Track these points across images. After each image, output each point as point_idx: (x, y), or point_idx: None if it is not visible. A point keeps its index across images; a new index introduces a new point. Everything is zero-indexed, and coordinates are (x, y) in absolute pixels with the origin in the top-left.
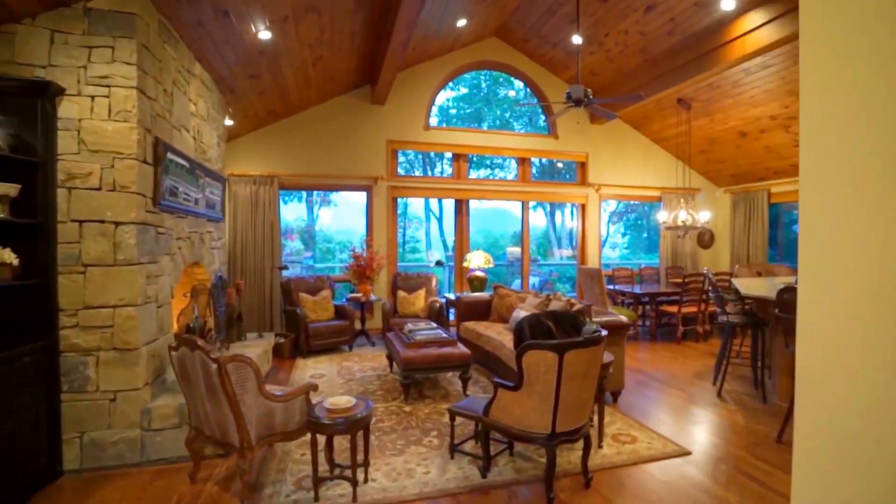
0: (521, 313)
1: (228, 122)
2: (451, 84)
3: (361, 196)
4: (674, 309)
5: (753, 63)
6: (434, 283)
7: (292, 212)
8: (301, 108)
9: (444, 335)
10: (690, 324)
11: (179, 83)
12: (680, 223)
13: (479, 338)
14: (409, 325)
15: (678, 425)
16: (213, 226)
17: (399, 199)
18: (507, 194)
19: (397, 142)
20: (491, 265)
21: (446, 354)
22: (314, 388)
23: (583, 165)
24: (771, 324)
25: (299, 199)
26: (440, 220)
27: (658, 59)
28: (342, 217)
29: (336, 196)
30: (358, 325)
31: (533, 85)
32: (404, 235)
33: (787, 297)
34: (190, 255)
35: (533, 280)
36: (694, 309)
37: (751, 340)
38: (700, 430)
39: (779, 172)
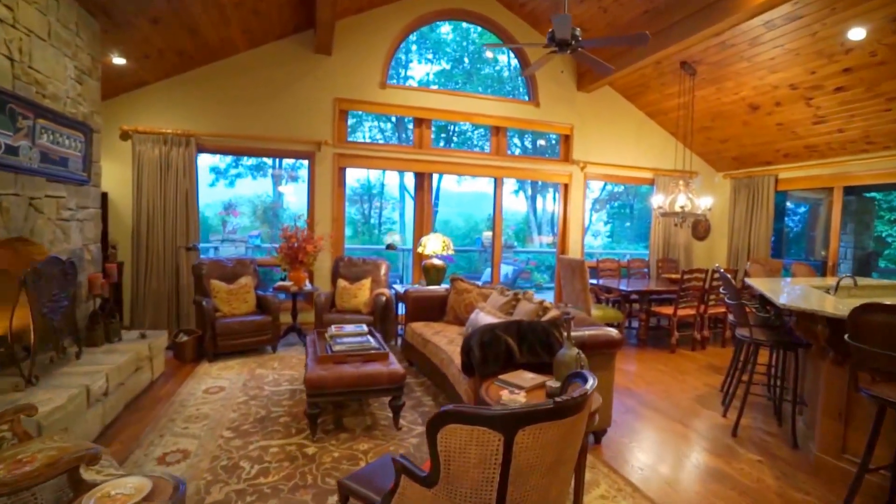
0: (480, 317)
1: (119, 59)
2: (419, 47)
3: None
4: (668, 310)
5: (779, 13)
6: (384, 271)
7: (252, 187)
8: (225, 52)
9: (374, 345)
10: (686, 328)
11: None
12: (678, 209)
13: (426, 346)
14: (333, 329)
15: (686, 487)
16: (64, 189)
17: (346, 170)
18: (478, 169)
19: (347, 100)
20: (450, 251)
21: (370, 374)
22: (90, 459)
23: (567, 139)
24: (817, 348)
25: (263, 175)
26: (434, 203)
27: (661, 10)
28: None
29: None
30: (289, 321)
31: (510, 40)
32: (379, 216)
33: (873, 320)
34: (1, 227)
35: (506, 269)
36: (692, 311)
37: (772, 358)
38: (719, 501)
39: (790, 155)
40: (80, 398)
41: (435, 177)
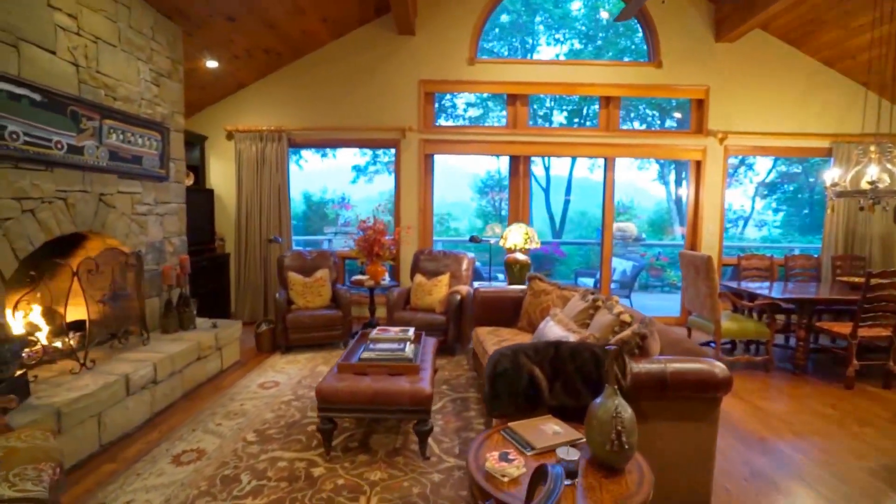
0: (549, 327)
1: (211, 62)
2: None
3: (464, 161)
4: (843, 328)
5: None
6: (465, 266)
7: (389, 183)
8: (310, 46)
9: (407, 355)
10: (874, 355)
11: None
12: (866, 185)
13: (484, 356)
14: (375, 332)
15: None
16: (139, 185)
17: (434, 157)
18: (582, 148)
19: (432, 82)
20: (534, 244)
21: (389, 391)
22: None
23: (699, 105)
24: None
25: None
26: (546, 189)
27: None
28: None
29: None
30: (367, 315)
31: None
32: (497, 207)
33: None
34: (67, 220)
35: (624, 265)
36: (884, 332)
37: None
38: None
39: None
40: (116, 386)
41: (540, 160)
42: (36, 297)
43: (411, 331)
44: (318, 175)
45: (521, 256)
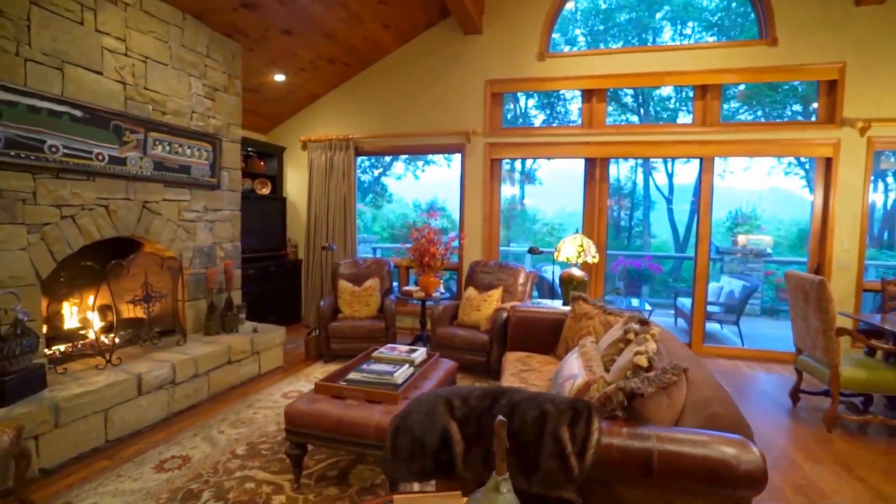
0: (569, 362)
1: (279, 76)
2: None
3: (573, 165)
4: None
5: None
6: (522, 280)
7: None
8: (377, 54)
9: (394, 380)
10: None
11: (60, 6)
12: None
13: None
14: (382, 349)
15: None
16: (188, 193)
17: (505, 161)
18: (671, 147)
19: (499, 81)
20: (591, 258)
21: (353, 422)
22: None
23: (830, 88)
24: None
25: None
26: (669, 198)
27: None
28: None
29: (549, 170)
30: (415, 327)
31: None
32: (630, 219)
33: None
34: (108, 226)
35: (732, 285)
36: None
37: None
38: None
39: None
40: (125, 385)
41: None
42: (94, 295)
43: (420, 351)
44: (434, 186)
45: (577, 272)
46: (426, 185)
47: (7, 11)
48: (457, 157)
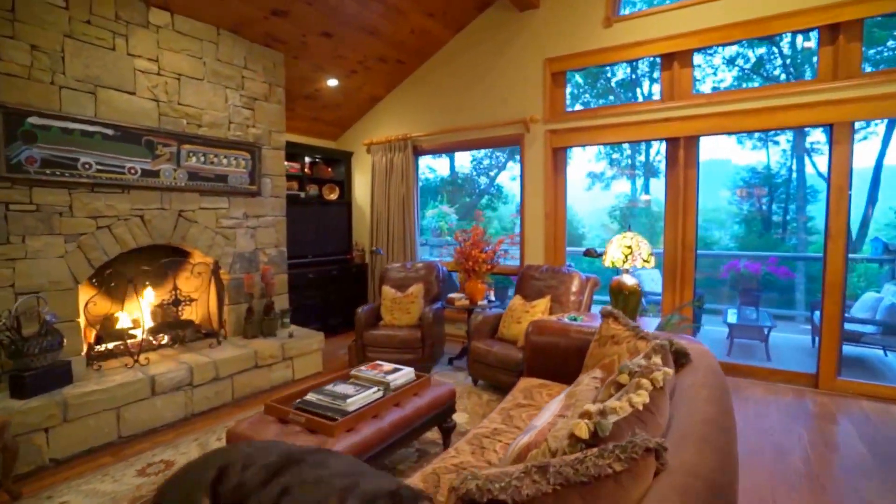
0: (549, 407)
1: (332, 80)
2: None
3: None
4: None
5: None
6: (576, 287)
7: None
8: (429, 47)
9: (343, 407)
10: None
11: (92, 36)
12: None
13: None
14: (363, 368)
15: None
16: (225, 200)
17: (569, 151)
18: (786, 114)
19: (559, 59)
20: (644, 262)
21: None
22: None
23: None
24: None
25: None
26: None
27: None
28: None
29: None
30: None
31: None
32: (784, 213)
33: None
34: (144, 234)
35: (890, 297)
36: None
37: None
38: None
39: None
40: (137, 385)
41: (704, 141)
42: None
43: (405, 372)
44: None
45: (628, 280)
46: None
47: (41, 46)
48: (579, 159)
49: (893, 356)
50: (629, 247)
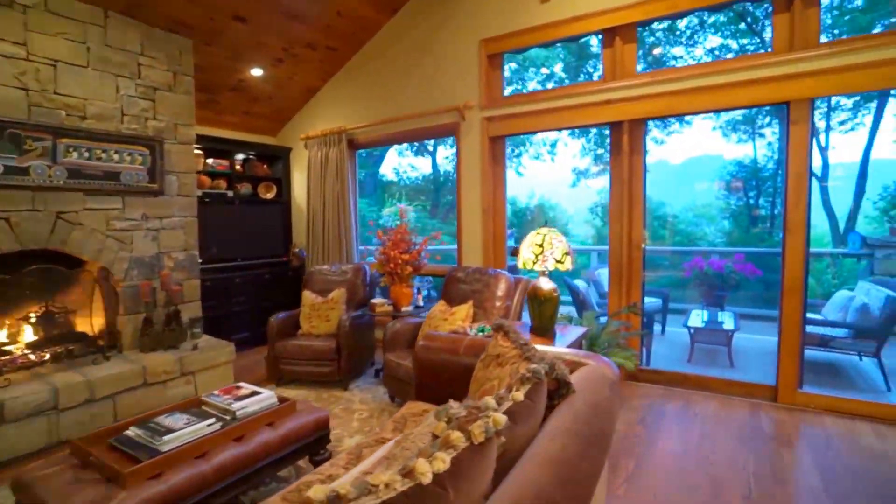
0: (382, 450)
1: (256, 70)
2: None
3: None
4: None
5: None
6: (502, 291)
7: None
8: (363, 33)
9: (157, 446)
10: None
11: None
12: None
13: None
14: (214, 395)
15: None
16: (119, 200)
17: (508, 140)
18: (738, 92)
19: (495, 39)
20: (555, 263)
21: None
22: None
23: None
24: None
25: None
26: (823, 177)
27: None
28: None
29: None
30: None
31: None
32: (772, 207)
33: None
34: (11, 239)
35: (870, 296)
36: None
37: None
38: None
39: None
40: None
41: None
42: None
43: (263, 396)
44: (540, 184)
45: (544, 284)
46: (530, 181)
47: None
48: (563, 153)
49: (871, 361)
50: (540, 245)
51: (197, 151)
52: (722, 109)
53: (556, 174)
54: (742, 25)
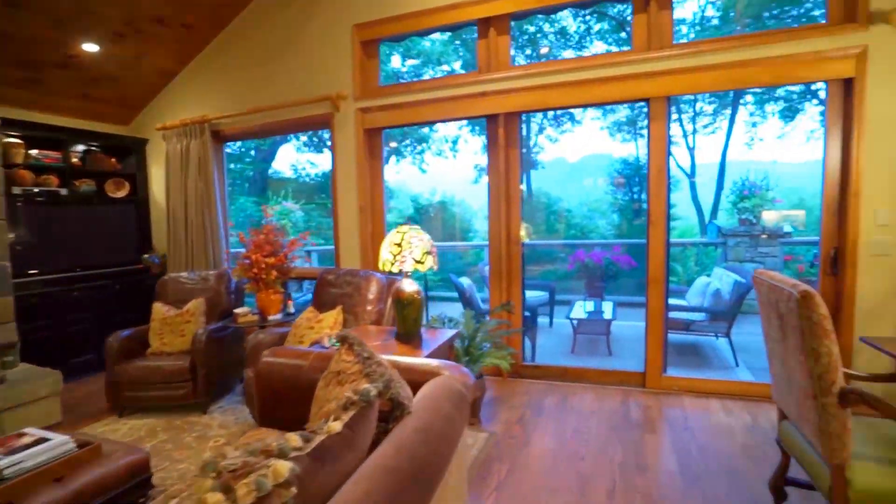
0: None
1: (90, 46)
2: None
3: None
4: None
5: None
6: (374, 294)
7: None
8: (226, 10)
9: None
10: None
11: None
12: None
13: None
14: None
15: None
16: None
17: (388, 133)
18: (604, 88)
19: (369, 25)
20: (414, 265)
21: None
22: None
23: None
24: None
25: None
26: (691, 174)
27: None
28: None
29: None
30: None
31: None
32: (638, 199)
33: None
34: None
35: (721, 282)
36: None
37: None
38: None
39: None
40: None
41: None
42: None
43: (51, 445)
44: (443, 181)
45: (406, 286)
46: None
47: None
48: (465, 150)
49: (725, 341)
50: (398, 245)
51: (13, 140)
52: (591, 104)
53: (458, 171)
54: (623, 34)
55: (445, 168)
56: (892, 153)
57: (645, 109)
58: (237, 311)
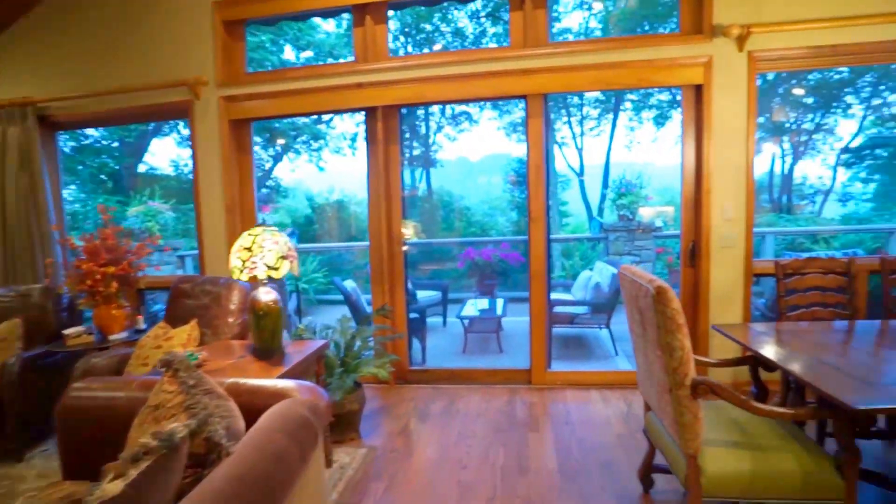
0: None
1: None
2: None
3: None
4: None
5: None
6: (235, 303)
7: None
8: None
9: None
10: None
11: None
12: None
13: None
14: None
15: None
16: None
17: (275, 129)
18: (483, 83)
19: (232, 2)
20: (276, 272)
21: None
22: None
23: None
24: None
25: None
26: (580, 173)
27: None
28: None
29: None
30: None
31: None
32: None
33: None
34: None
35: (601, 276)
36: None
37: None
38: None
39: None
40: None
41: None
42: None
43: None
44: (342, 179)
45: (262, 296)
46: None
47: None
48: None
49: (608, 332)
50: (248, 249)
51: None
52: (470, 99)
53: (358, 169)
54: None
55: (344, 166)
56: (732, 154)
57: None
58: (67, 331)
